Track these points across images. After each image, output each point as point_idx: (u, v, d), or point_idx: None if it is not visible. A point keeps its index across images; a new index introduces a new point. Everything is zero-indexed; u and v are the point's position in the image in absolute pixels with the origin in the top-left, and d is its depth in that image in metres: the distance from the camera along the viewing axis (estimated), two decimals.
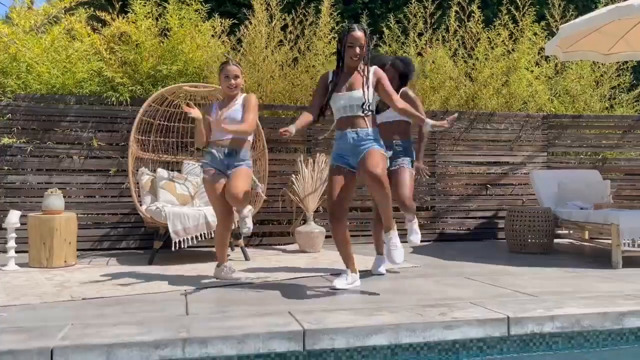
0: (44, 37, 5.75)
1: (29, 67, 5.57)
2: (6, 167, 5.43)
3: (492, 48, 6.96)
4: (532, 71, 7.11)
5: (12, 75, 5.50)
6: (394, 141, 4.07)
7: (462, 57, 6.98)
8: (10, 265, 4.46)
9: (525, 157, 6.76)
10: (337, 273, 3.97)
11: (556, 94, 7.33)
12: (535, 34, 7.10)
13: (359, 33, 3.44)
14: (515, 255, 5.24)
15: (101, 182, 5.66)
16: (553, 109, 7.14)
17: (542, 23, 7.29)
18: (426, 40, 6.93)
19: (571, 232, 5.90)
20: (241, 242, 4.98)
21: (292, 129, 3.30)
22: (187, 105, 3.82)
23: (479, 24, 6.94)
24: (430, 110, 6.55)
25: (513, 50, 7.00)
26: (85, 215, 5.59)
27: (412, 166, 4.11)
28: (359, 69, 3.51)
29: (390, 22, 6.95)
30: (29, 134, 5.48)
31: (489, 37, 6.95)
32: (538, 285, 3.77)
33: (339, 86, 3.50)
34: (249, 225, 3.71)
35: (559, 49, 5.81)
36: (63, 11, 6.09)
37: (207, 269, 4.35)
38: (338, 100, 3.50)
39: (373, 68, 3.53)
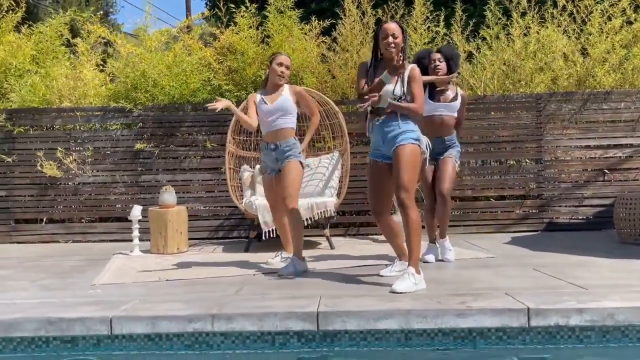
0: (166, 54, 6.63)
1: (154, 82, 6.47)
2: (139, 169, 6.39)
3: (609, 19, 6.34)
4: None
5: (141, 89, 6.45)
6: (445, 138, 4.36)
7: (573, 33, 6.46)
8: (135, 252, 5.30)
9: None
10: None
11: None
12: None
13: (392, 25, 3.50)
14: (622, 247, 4.82)
15: (215, 179, 6.37)
16: None
17: None
18: (531, 18, 6.54)
19: None
20: (327, 232, 5.30)
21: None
22: (210, 102, 4.05)
23: None
24: (535, 93, 6.22)
25: (636, 20, 6.30)
26: (204, 208, 6.36)
27: (459, 157, 4.40)
28: (396, 63, 3.45)
29: (491, 5, 6.68)
30: (156, 139, 6.38)
31: (602, 10, 6.34)
32: (605, 277, 3.52)
33: (372, 78, 3.52)
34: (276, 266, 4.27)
35: None
36: (180, 30, 6.93)
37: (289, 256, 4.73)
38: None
39: (411, 65, 3.52)
